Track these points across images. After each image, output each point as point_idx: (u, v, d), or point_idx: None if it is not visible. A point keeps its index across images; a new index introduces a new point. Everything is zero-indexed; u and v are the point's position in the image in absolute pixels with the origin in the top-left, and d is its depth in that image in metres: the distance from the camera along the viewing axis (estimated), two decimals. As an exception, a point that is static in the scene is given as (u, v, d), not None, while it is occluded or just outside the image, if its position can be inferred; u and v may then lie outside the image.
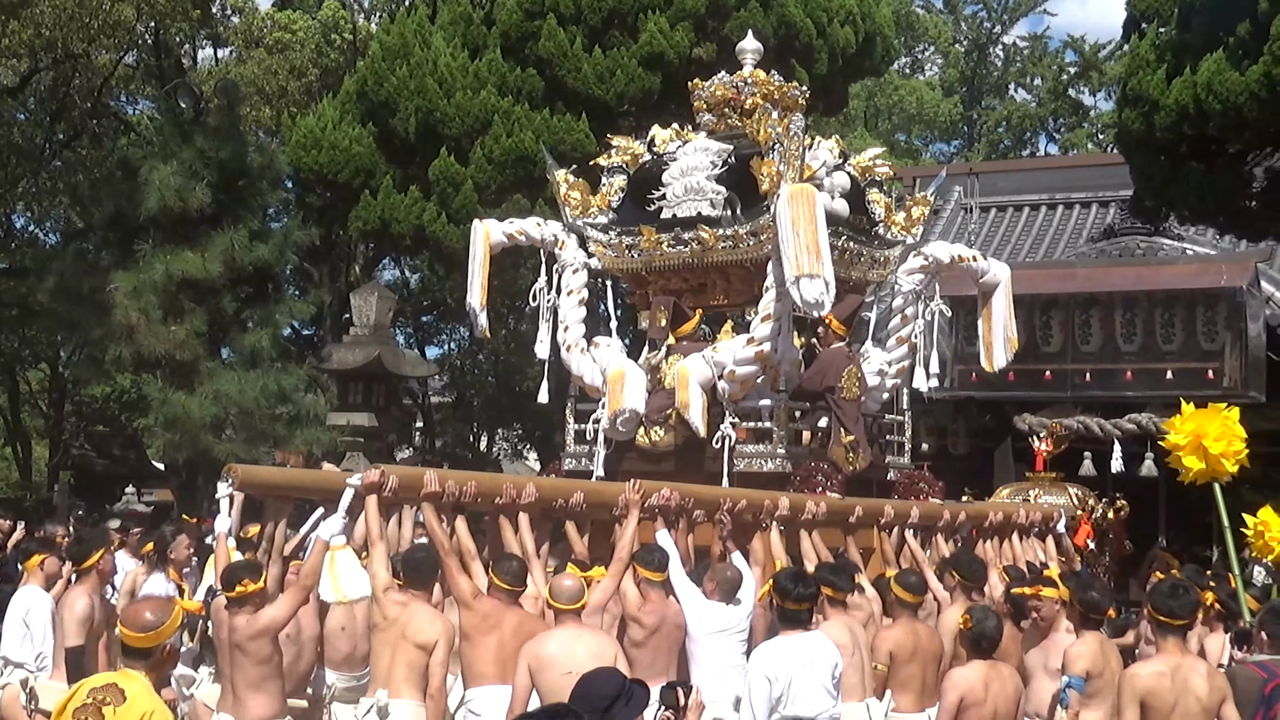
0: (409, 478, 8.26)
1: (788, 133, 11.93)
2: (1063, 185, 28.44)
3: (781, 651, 7.59)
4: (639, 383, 11.96)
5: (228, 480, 7.89)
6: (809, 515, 10.43)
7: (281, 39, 30.28)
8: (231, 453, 19.41)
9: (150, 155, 21.28)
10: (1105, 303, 21.35)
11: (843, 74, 23.30)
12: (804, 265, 10.87)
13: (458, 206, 21.02)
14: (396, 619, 7.46)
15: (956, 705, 7.43)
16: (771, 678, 7.39)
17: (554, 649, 7.19)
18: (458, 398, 36.29)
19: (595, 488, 9.87)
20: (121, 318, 19.58)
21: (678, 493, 9.33)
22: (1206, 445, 11.08)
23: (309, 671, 8.37)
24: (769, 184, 11.84)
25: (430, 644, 7.41)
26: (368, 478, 7.85)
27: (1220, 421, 11.53)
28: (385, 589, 7.58)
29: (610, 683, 4.54)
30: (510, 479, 9.23)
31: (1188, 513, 20.52)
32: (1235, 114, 15.39)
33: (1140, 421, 19.95)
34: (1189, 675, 7.16)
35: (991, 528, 12.86)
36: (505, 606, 7.71)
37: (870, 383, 12.77)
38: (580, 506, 9.18)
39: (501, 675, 7.52)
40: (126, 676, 5.34)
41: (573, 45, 21.22)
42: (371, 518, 7.81)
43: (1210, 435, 11.36)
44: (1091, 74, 48.56)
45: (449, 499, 8.22)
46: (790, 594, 7.68)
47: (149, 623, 5.37)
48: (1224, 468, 11.45)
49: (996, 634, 7.76)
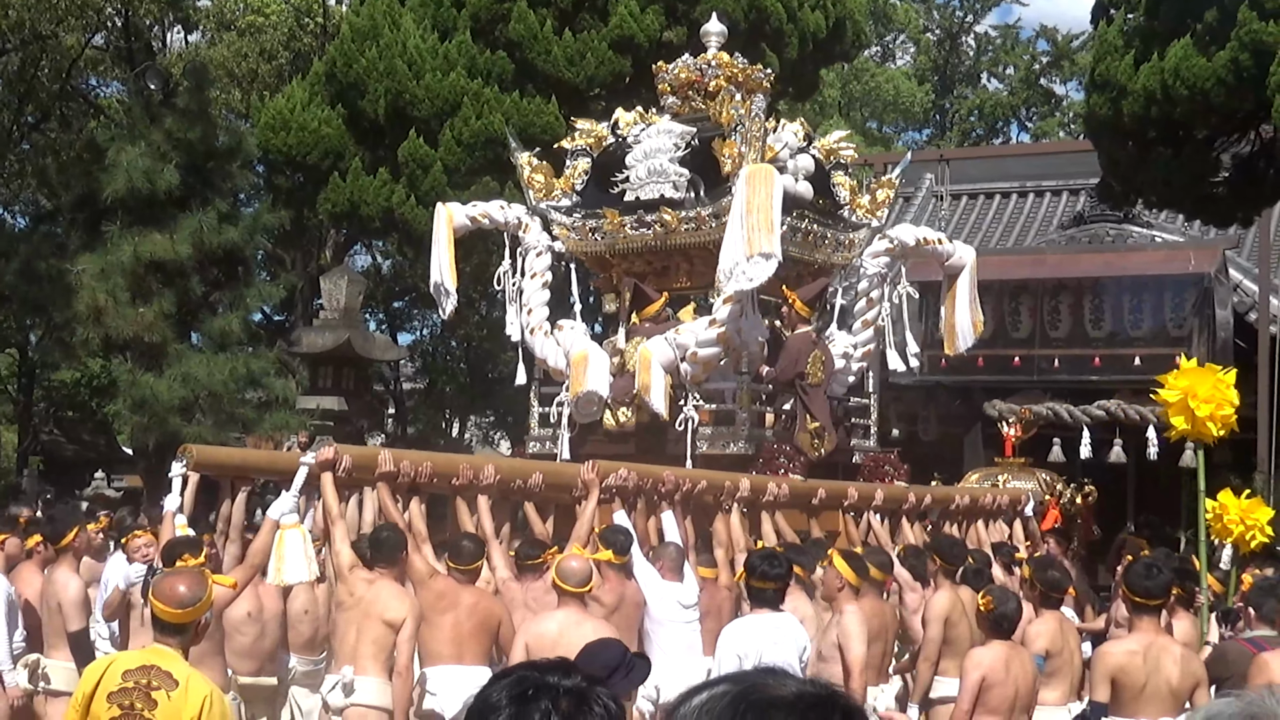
0: (364, 457, 8.27)
1: (749, 114, 11.94)
2: (1033, 173, 28.55)
3: (751, 629, 7.56)
4: (602, 365, 11.98)
5: (182, 461, 7.87)
6: (771, 497, 10.45)
7: (254, 22, 30.14)
8: (200, 436, 19.29)
9: (118, 137, 21.15)
10: (1074, 289, 21.45)
11: (813, 59, 23.26)
12: (756, 245, 10.87)
13: (427, 189, 20.94)
14: (363, 596, 7.40)
15: (978, 684, 7.40)
16: (741, 655, 7.32)
17: (554, 631, 7.13)
18: (429, 384, 36.21)
19: (554, 469, 9.90)
20: (89, 300, 19.43)
21: (635, 474, 9.34)
22: (1194, 406, 10.86)
23: (273, 650, 8.33)
24: (731, 165, 11.85)
25: (398, 621, 7.33)
26: (321, 455, 7.83)
27: (1212, 383, 11.23)
28: (351, 567, 7.52)
29: (612, 652, 4.49)
30: (467, 459, 9.23)
31: (1156, 498, 20.66)
32: (1202, 100, 15.40)
33: (1109, 408, 20.04)
34: (1160, 655, 7.23)
35: (958, 511, 12.91)
36: (460, 586, 7.67)
37: (836, 366, 12.80)
38: (538, 488, 9.18)
39: (458, 655, 7.49)
40: (165, 656, 5.05)
41: (543, 28, 21.15)
42: (328, 496, 7.79)
43: (1200, 396, 11.09)
44: (1063, 64, 48.66)
45: (404, 479, 8.20)
46: (758, 572, 7.64)
47: (185, 597, 5.12)
48: (1209, 431, 11.19)
49: (1016, 615, 7.76)
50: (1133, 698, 7.19)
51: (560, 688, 2.08)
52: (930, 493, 12.92)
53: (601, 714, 2.09)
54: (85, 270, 19.57)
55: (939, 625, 9.00)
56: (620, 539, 8.46)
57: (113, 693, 4.91)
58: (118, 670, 5.04)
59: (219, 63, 28.84)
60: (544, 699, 2.06)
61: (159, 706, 4.89)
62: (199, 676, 5.04)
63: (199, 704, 4.93)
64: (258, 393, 20.53)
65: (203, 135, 21.03)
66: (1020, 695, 7.54)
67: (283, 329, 27.31)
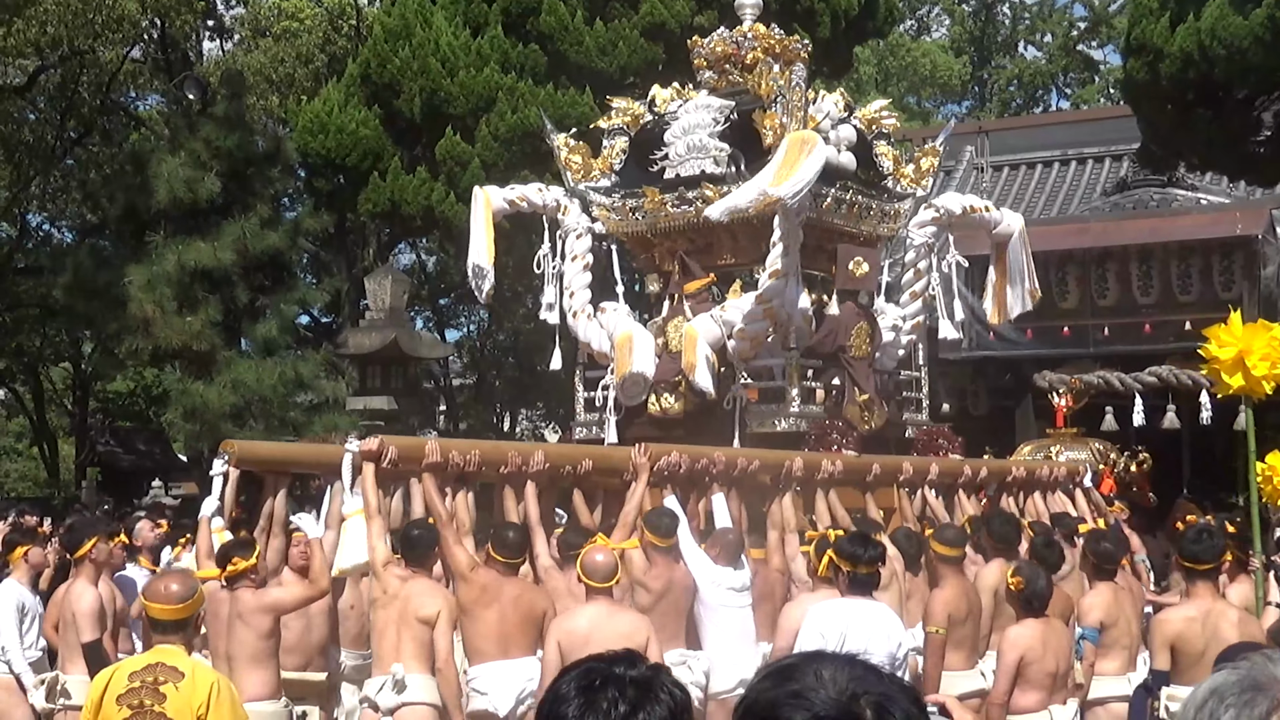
0: (410, 448, 8.15)
1: (789, 84, 11.81)
2: (1074, 140, 28.25)
3: (840, 612, 7.17)
4: (648, 346, 11.86)
5: (223, 457, 7.84)
6: (825, 474, 10.26)
7: (289, 27, 30.31)
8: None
9: (159, 148, 21.33)
10: (1120, 256, 21.24)
11: (846, 37, 23.16)
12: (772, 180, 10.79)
13: (466, 185, 20.89)
14: (397, 594, 7.32)
15: (1016, 664, 7.34)
16: (825, 635, 6.89)
17: (585, 627, 6.98)
18: (479, 379, 36.32)
19: (603, 453, 9.80)
20: (136, 311, 19.61)
21: (687, 456, 9.23)
22: (1249, 363, 10.82)
23: (321, 645, 8.30)
24: (772, 137, 11.73)
25: (432, 618, 7.26)
26: (366, 445, 7.76)
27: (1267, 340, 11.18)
28: (385, 563, 7.46)
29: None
30: (516, 446, 9.15)
31: (1211, 463, 20.46)
32: (1240, 59, 15.27)
33: (1160, 374, 19.87)
34: (1219, 621, 7.16)
35: (1015, 483, 12.71)
36: (503, 578, 7.53)
37: (884, 339, 12.67)
38: (588, 473, 9.08)
39: (504, 650, 7.37)
40: (169, 654, 5.11)
41: (574, 19, 21.16)
42: (369, 489, 7.70)
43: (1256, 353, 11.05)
44: (1101, 29, 48.18)
45: (453, 469, 8.13)
46: (858, 558, 7.23)
47: (179, 594, 5.20)
48: (1262, 388, 11.15)
49: (1048, 592, 7.68)
50: (1192, 664, 7.13)
51: (627, 677, 2.16)
52: (985, 465, 12.76)
53: (667, 700, 2.15)
54: (132, 281, 19.74)
55: (989, 597, 8.93)
56: (665, 521, 8.25)
57: (121, 695, 4.97)
58: (124, 674, 5.10)
59: (255, 69, 29.02)
60: (611, 688, 2.14)
61: (168, 700, 4.96)
62: (204, 666, 5.14)
63: (207, 690, 5.00)
64: (307, 396, 20.67)
65: (241, 142, 21.18)
66: (1060, 670, 7.50)
67: (330, 331, 27.45)
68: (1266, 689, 1.92)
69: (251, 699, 6.94)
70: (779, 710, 1.93)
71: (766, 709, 1.95)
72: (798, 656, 2.05)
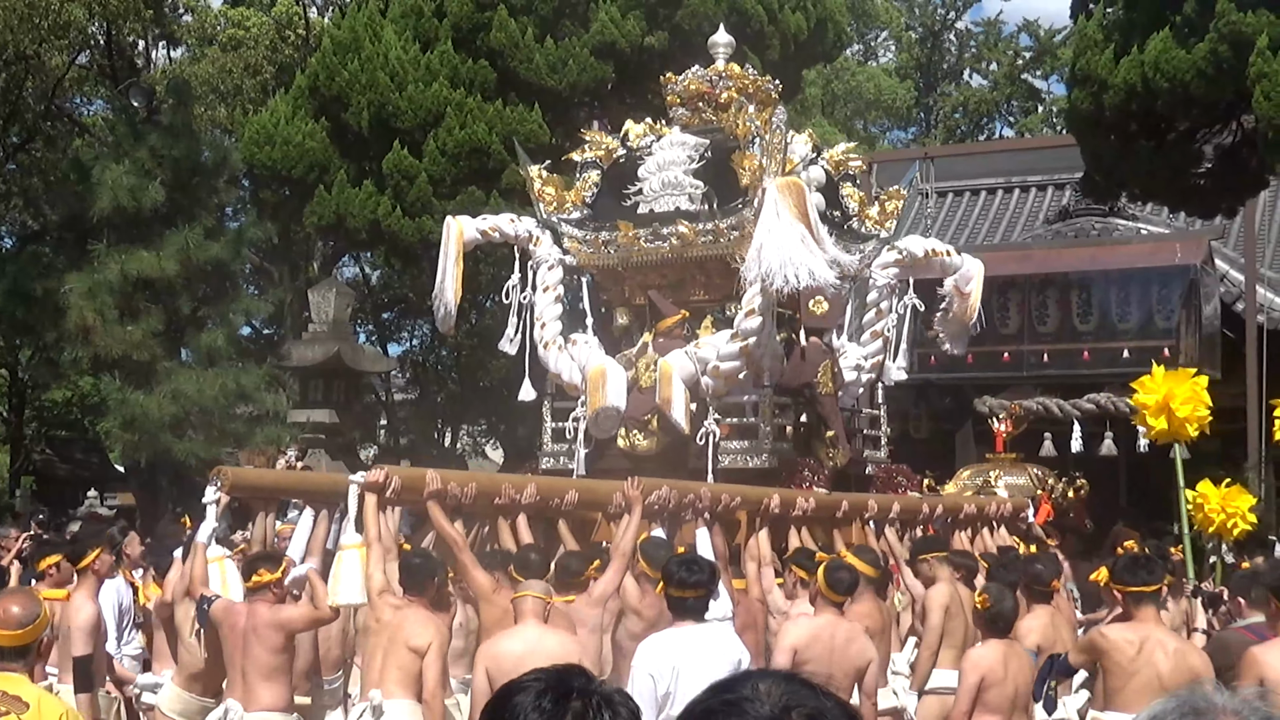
0: (411, 479, 8.23)
1: (768, 126, 11.86)
2: (1018, 168, 28.61)
3: (666, 645, 6.62)
4: (620, 380, 11.82)
5: (215, 483, 7.81)
6: (800, 511, 10.44)
7: (235, 36, 30.13)
8: (192, 452, 19.34)
9: (103, 155, 21.16)
10: (1061, 283, 21.51)
11: (795, 60, 23.30)
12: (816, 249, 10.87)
13: (412, 200, 20.99)
14: (389, 622, 7.35)
15: (977, 685, 7.34)
16: (655, 675, 6.40)
17: (518, 650, 6.81)
18: (421, 394, 36.20)
19: (587, 485, 9.87)
20: (77, 319, 19.43)
21: (675, 490, 9.31)
22: (1173, 407, 11.29)
23: (305, 669, 8.29)
24: (750, 178, 11.77)
25: (423, 648, 7.26)
26: (370, 477, 7.81)
27: (1189, 386, 11.80)
28: (380, 592, 7.49)
29: None
30: (510, 479, 9.25)
31: (1148, 489, 20.70)
32: (1182, 91, 15.47)
33: (1099, 401, 20.11)
34: (1154, 650, 7.14)
35: (966, 519, 12.98)
36: None
37: (847, 378, 12.81)
38: (573, 505, 9.19)
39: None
40: (11, 681, 4.75)
41: (524, 36, 21.19)
42: (370, 518, 7.78)
43: (1178, 398, 11.61)
44: (1046, 59, 48.71)
45: (451, 500, 8.19)
46: (675, 579, 6.68)
47: (19, 618, 4.84)
48: (1186, 431, 11.71)
49: (1013, 614, 7.74)
50: (1119, 688, 7.17)
51: (589, 690, 2.17)
52: (942, 502, 13.02)
53: (628, 716, 2.18)
54: (73, 289, 19.57)
55: (939, 614, 9.05)
56: (660, 553, 8.24)
57: None
58: None
59: (203, 79, 28.80)
60: (576, 699, 2.15)
61: None
62: (50, 696, 4.84)
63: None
64: (248, 407, 20.54)
65: (187, 151, 21.06)
66: (1019, 693, 7.54)
67: (272, 343, 27.31)
68: (1205, 715, 1.95)
69: (263, 709, 7.16)
70: (714, 719, 1.97)
71: (703, 718, 1.99)
72: (739, 673, 2.11)
